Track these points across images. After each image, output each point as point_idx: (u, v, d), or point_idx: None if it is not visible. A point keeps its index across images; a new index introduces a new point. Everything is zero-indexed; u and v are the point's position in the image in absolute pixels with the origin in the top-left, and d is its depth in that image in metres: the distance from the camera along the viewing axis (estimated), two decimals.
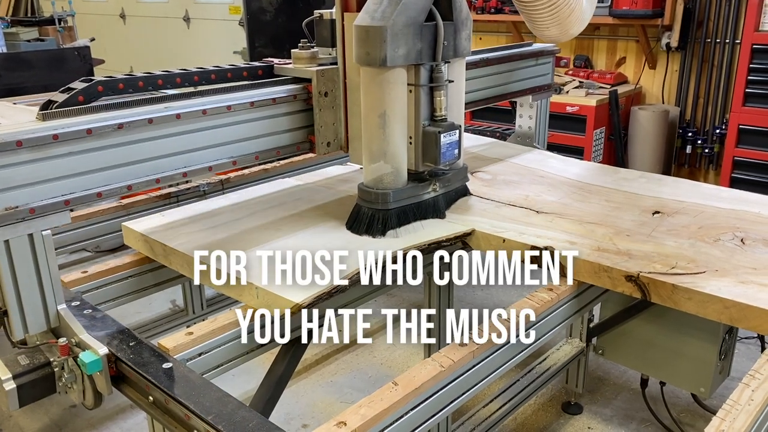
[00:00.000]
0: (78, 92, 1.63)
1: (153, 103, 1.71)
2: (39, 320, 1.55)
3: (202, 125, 1.77)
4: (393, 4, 1.71)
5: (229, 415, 1.20)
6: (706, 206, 2.10)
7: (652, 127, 4.87)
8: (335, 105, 2.05)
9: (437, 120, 1.88)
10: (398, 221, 1.89)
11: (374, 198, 1.87)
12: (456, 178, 2.05)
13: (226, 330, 1.51)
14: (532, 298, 1.64)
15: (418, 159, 1.90)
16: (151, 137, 1.67)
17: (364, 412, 1.20)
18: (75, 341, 1.50)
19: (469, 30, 1.93)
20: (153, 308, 3.17)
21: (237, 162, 1.89)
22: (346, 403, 2.96)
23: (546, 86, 3.04)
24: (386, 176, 1.86)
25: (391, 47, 1.72)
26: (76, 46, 5.15)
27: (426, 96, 1.86)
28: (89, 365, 1.41)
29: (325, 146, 2.07)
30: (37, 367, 1.48)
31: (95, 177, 1.59)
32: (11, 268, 1.48)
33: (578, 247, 1.78)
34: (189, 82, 1.91)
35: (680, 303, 1.57)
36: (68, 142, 1.52)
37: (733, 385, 2.92)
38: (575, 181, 2.39)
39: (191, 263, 1.75)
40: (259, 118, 1.90)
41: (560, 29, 2.54)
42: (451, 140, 1.89)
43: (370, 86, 1.81)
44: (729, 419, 1.18)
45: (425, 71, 1.84)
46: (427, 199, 1.96)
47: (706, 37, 4.82)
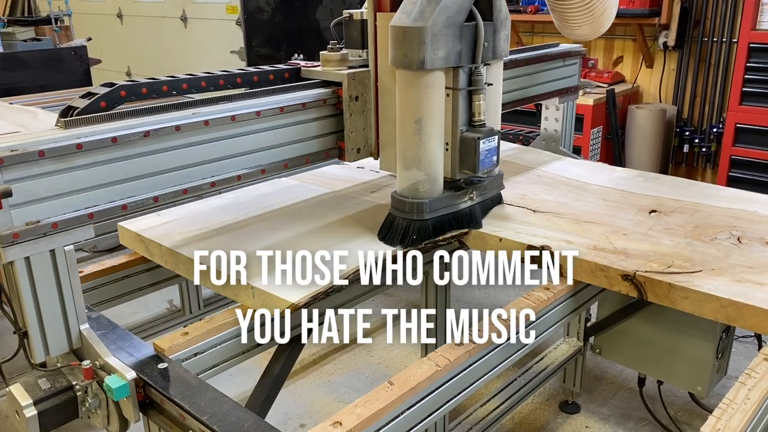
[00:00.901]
0: (100, 97, 1.53)
1: (179, 108, 1.61)
2: (61, 341, 1.45)
3: (230, 132, 1.67)
4: (432, 4, 1.62)
5: (224, 415, 1.20)
6: (702, 205, 2.10)
7: (650, 126, 4.88)
8: (366, 110, 1.96)
9: (476, 125, 1.79)
10: (434, 232, 1.80)
11: (409, 208, 1.78)
12: (492, 186, 1.95)
13: (222, 330, 1.50)
14: (528, 297, 1.63)
15: (454, 166, 1.81)
16: (178, 145, 1.57)
17: (360, 412, 1.20)
18: (99, 364, 1.41)
19: (507, 30, 1.84)
20: (150, 308, 3.16)
21: (266, 171, 1.80)
22: (344, 403, 2.96)
23: (573, 88, 2.94)
24: (421, 185, 1.77)
25: (430, 49, 1.63)
26: (73, 46, 5.14)
27: (464, 100, 1.77)
28: (116, 391, 1.32)
29: (355, 153, 1.98)
30: (59, 391, 1.38)
31: (120, 188, 1.49)
32: (32, 286, 1.37)
33: (575, 246, 1.78)
34: (214, 86, 1.81)
35: (677, 302, 1.57)
36: (93, 152, 1.42)
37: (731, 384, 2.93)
38: (572, 180, 2.39)
39: (187, 263, 1.75)
40: (288, 124, 1.81)
41: (592, 27, 2.48)
42: (490, 146, 1.80)
43: (407, 90, 1.72)
44: (725, 418, 1.18)
45: (464, 74, 1.75)
46: (463, 209, 1.87)
47: (703, 36, 4.83)
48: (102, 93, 1.54)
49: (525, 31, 5.63)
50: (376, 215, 2.03)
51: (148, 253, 1.89)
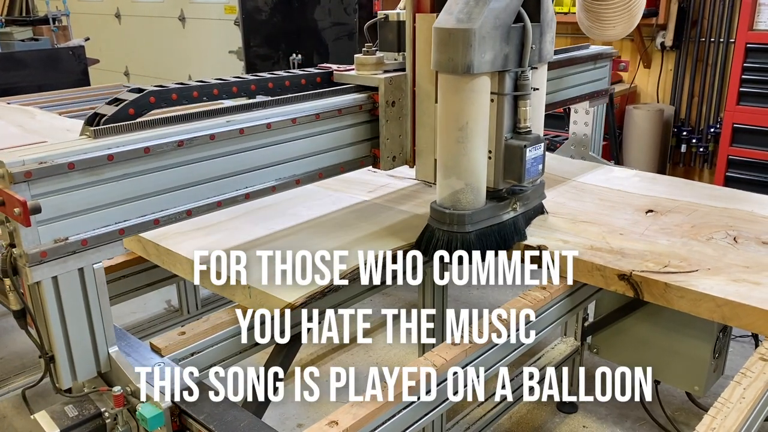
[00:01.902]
0: (128, 104, 1.44)
1: (211, 116, 1.53)
2: (89, 366, 1.36)
3: (265, 141, 1.59)
4: (481, 4, 1.54)
5: (220, 414, 1.20)
6: (699, 205, 2.11)
7: (647, 126, 4.89)
8: (402, 116, 1.87)
9: (521, 132, 1.71)
10: (478, 245, 1.71)
11: (450, 219, 1.69)
12: (535, 196, 1.87)
13: (219, 330, 1.50)
14: (525, 296, 1.64)
15: (498, 175, 1.72)
16: (212, 155, 1.49)
17: (356, 412, 1.20)
18: (130, 389, 1.32)
19: (553, 32, 1.75)
20: (148, 308, 3.17)
21: (301, 181, 1.71)
22: (342, 402, 2.95)
23: (603, 91, 2.85)
24: (463, 195, 1.68)
25: (478, 52, 1.53)
26: (71, 46, 5.14)
27: (509, 106, 1.69)
28: (150, 421, 1.23)
29: (390, 161, 1.89)
30: (88, 419, 1.30)
31: (152, 201, 1.40)
32: (59, 307, 1.28)
33: (571, 245, 1.79)
34: (246, 92, 1.72)
35: (673, 301, 1.57)
36: (124, 163, 1.33)
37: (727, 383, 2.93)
38: (570, 180, 2.39)
39: (185, 263, 1.75)
40: (324, 132, 1.73)
41: (626, 26, 2.39)
42: (536, 155, 1.72)
43: (451, 96, 1.62)
44: (720, 417, 1.19)
45: (510, 79, 1.67)
46: (506, 221, 1.78)
47: (701, 36, 4.84)
48: (130, 99, 1.46)
49: None
50: (375, 214, 2.04)
51: (145, 253, 1.88)
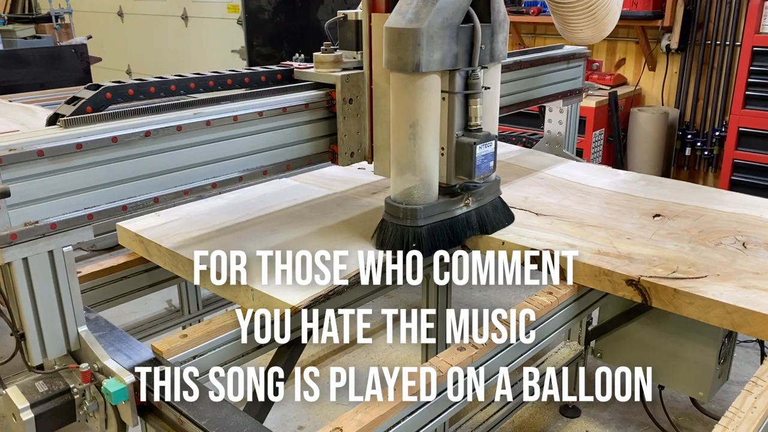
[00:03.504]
0: (85, 102, 1.50)
1: (180, 108, 1.59)
2: (58, 344, 1.43)
3: (232, 133, 1.65)
4: (428, 5, 1.57)
5: (223, 420, 1.18)
6: (707, 209, 2.08)
7: (652, 129, 4.87)
8: (360, 113, 1.91)
9: (472, 130, 1.74)
10: (429, 239, 1.74)
11: (403, 214, 1.73)
12: (489, 192, 1.90)
13: (222, 332, 1.48)
14: (531, 301, 1.62)
15: (450, 172, 1.76)
16: (179, 146, 1.55)
17: (361, 418, 1.18)
18: (98, 367, 1.38)
19: (506, 33, 1.79)
20: (149, 308, 3.14)
21: (268, 171, 1.77)
22: (343, 404, 2.94)
23: (577, 90, 2.91)
24: (416, 190, 1.72)
25: (426, 51, 1.57)
26: (73, 44, 5.13)
27: (460, 104, 1.72)
28: (114, 395, 1.29)
29: (348, 156, 1.93)
30: (57, 394, 1.36)
31: (120, 189, 1.47)
32: (30, 288, 1.35)
33: (578, 250, 1.77)
34: (204, 87, 1.76)
35: (681, 308, 1.55)
36: (92, 152, 1.39)
37: (732, 389, 2.90)
38: (575, 183, 2.37)
39: (187, 264, 1.73)
40: (286, 126, 1.78)
41: (594, 31, 2.43)
42: (486, 152, 1.75)
43: (401, 94, 1.67)
44: (731, 427, 1.16)
45: (460, 77, 1.70)
46: (459, 216, 1.82)
47: (707, 39, 4.82)
48: (87, 97, 1.51)
49: (527, 33, 5.62)
50: (377, 217, 2.02)
51: (147, 254, 1.87)
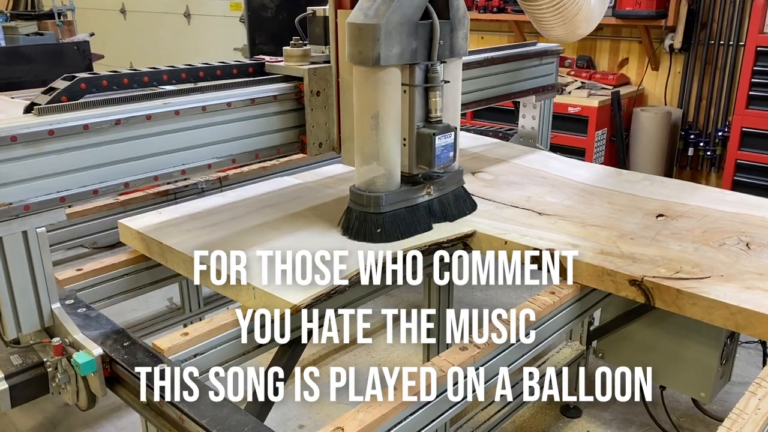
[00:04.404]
0: (61, 92, 1.59)
1: (151, 99, 1.68)
2: (32, 319, 1.52)
3: (201, 122, 1.74)
4: (387, 2, 1.65)
5: (224, 419, 1.18)
6: (710, 210, 2.08)
7: (654, 129, 4.85)
8: (328, 104, 2.00)
9: (432, 121, 1.83)
10: (392, 225, 1.82)
11: (366, 201, 1.81)
12: (451, 182, 1.98)
13: (223, 331, 1.48)
14: (534, 301, 1.61)
15: (411, 161, 1.85)
16: (149, 134, 1.64)
17: (362, 418, 1.18)
18: (69, 341, 1.47)
19: (466, 29, 1.87)
20: (150, 306, 3.14)
21: (237, 160, 1.85)
22: (343, 404, 2.93)
23: (550, 86, 3.00)
24: (378, 179, 1.80)
25: (384, 46, 1.66)
26: (76, 41, 5.12)
27: (421, 97, 1.81)
28: (83, 366, 1.38)
29: (316, 147, 2.02)
30: (30, 367, 1.45)
31: (92, 173, 1.56)
32: (4, 266, 1.44)
33: (581, 249, 1.76)
34: (176, 80, 1.85)
35: (685, 308, 1.54)
36: (64, 138, 1.49)
37: (734, 389, 2.89)
38: (578, 183, 2.36)
39: (188, 262, 1.73)
40: (256, 116, 1.87)
41: (566, 29, 2.48)
42: (446, 143, 1.83)
43: (363, 86, 1.76)
44: (735, 429, 1.16)
45: (420, 71, 1.78)
46: (420, 203, 1.90)
47: (710, 39, 4.80)
48: (63, 87, 1.60)
49: (530, 32, 5.60)
50: None
51: (148, 252, 1.86)
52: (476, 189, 2.27)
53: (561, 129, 4.86)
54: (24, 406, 2.95)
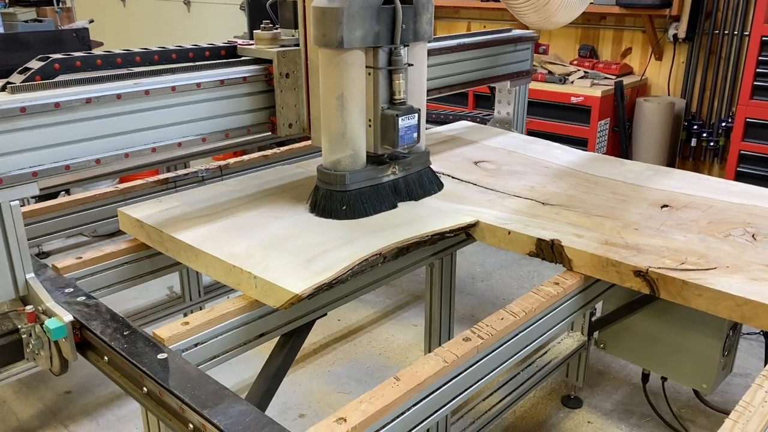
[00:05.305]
0: (35, 72, 1.66)
1: (123, 79, 1.74)
2: (7, 289, 1.58)
3: (171, 102, 1.80)
4: None
5: (225, 409, 1.17)
6: (715, 200, 2.06)
7: (657, 119, 4.82)
8: (297, 86, 2.06)
9: (396, 103, 1.88)
10: (357, 202, 1.88)
11: (333, 180, 1.87)
12: (416, 162, 2.04)
13: (224, 320, 1.46)
14: (537, 292, 1.59)
15: (377, 142, 1.90)
16: (119, 112, 1.70)
17: (365, 408, 1.16)
18: (42, 309, 1.53)
19: (430, 14, 1.92)
20: (150, 294, 3.14)
21: (207, 139, 1.91)
22: (344, 393, 2.93)
23: (524, 72, 3.04)
24: (344, 158, 1.87)
25: (347, 29, 1.71)
26: (75, 28, 5.07)
27: (385, 79, 1.86)
28: (54, 331, 1.44)
29: (286, 127, 2.08)
30: (5, 333, 1.50)
31: (63, 150, 1.61)
32: None
33: (585, 240, 1.74)
34: (149, 62, 1.90)
35: (690, 299, 1.53)
36: (36, 115, 1.54)
37: (735, 381, 2.88)
38: (581, 173, 2.34)
39: (188, 251, 1.71)
40: (226, 97, 1.93)
41: (539, 16, 2.48)
42: (409, 124, 1.88)
43: (328, 68, 1.81)
44: (742, 421, 1.15)
45: (384, 54, 1.83)
46: (385, 182, 1.96)
47: (715, 29, 4.75)
48: (37, 68, 1.67)
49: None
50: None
51: (149, 240, 1.85)
52: (479, 178, 2.25)
53: (563, 119, 4.83)
54: (24, 393, 2.96)
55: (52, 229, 2.21)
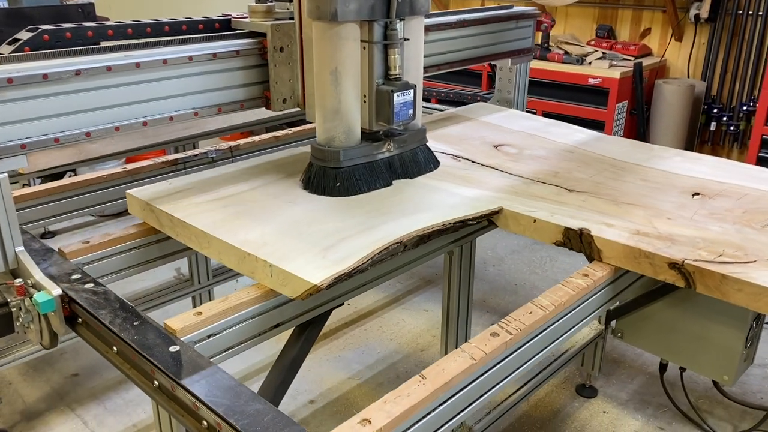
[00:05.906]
0: (24, 43, 1.65)
1: (113, 51, 1.70)
2: None
3: (162, 75, 1.75)
4: None
5: (242, 407, 1.10)
6: (749, 188, 1.96)
7: (677, 102, 4.69)
8: (291, 61, 2.00)
9: (391, 79, 1.83)
10: (350, 179, 1.84)
11: (326, 156, 1.83)
12: (412, 140, 1.99)
13: (238, 310, 1.40)
14: (566, 284, 1.52)
15: (372, 118, 1.86)
16: (109, 85, 1.66)
17: (390, 409, 1.10)
18: (31, 282, 1.51)
19: None
20: (157, 275, 3.07)
21: (199, 113, 1.87)
22: (355, 379, 2.88)
23: (526, 50, 2.96)
24: (338, 134, 1.83)
25: (341, 1, 1.67)
26: (80, 3, 4.95)
27: (380, 54, 1.81)
28: (42, 305, 1.43)
29: (280, 103, 2.03)
30: None
31: (53, 122, 1.58)
32: None
33: (616, 230, 1.66)
34: (141, 34, 1.87)
35: (729, 294, 1.45)
36: (24, 87, 1.50)
37: (753, 371, 2.81)
38: (607, 158, 2.25)
39: (200, 236, 1.64)
40: (219, 71, 1.88)
41: None
42: (405, 100, 1.84)
43: (322, 41, 1.76)
44: None
45: (379, 28, 1.78)
46: (380, 159, 1.91)
47: (738, 9, 4.60)
48: (26, 38, 1.66)
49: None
50: (400, 190, 1.91)
51: (158, 224, 1.77)
52: (500, 163, 2.16)
53: (580, 101, 4.71)
54: (31, 376, 2.92)
55: (58, 211, 2.15)
